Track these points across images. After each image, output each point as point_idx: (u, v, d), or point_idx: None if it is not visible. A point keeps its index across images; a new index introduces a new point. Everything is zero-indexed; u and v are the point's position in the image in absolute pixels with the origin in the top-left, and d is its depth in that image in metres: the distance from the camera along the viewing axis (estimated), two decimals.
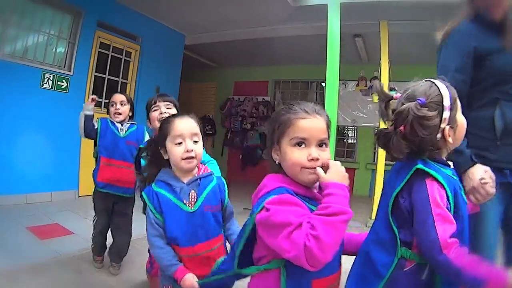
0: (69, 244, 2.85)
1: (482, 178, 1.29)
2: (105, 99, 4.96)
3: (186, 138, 1.45)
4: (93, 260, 2.52)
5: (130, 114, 2.59)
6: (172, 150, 1.45)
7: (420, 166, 1.01)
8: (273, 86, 8.16)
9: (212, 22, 5.48)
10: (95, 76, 4.80)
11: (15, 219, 3.34)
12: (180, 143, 1.44)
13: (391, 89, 4.71)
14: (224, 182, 1.60)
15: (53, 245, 2.79)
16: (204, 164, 1.64)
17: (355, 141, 7.53)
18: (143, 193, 1.46)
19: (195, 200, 1.45)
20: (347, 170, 1.06)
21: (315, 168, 1.00)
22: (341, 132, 7.59)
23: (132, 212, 2.47)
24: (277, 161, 1.07)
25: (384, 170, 4.42)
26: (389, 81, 4.54)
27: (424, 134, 1.00)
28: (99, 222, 2.44)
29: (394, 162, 1.18)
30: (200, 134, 1.52)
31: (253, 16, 5.03)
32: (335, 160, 1.04)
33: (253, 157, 7.80)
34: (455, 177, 1.06)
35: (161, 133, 1.49)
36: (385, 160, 4.50)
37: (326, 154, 1.03)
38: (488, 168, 1.33)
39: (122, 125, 2.50)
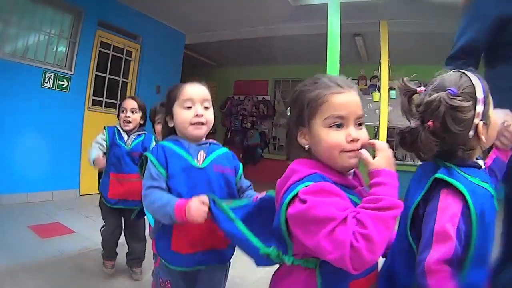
0: (71, 243, 2.86)
1: (504, 121, 1.18)
2: (105, 98, 4.98)
3: (197, 102, 1.32)
4: (103, 265, 2.37)
5: (141, 122, 2.42)
6: (180, 114, 1.32)
7: (439, 175, 0.86)
8: (273, 85, 8.17)
9: (212, 21, 5.49)
10: (95, 75, 4.81)
11: (16, 218, 3.35)
12: (189, 108, 1.31)
13: (390, 88, 4.73)
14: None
15: (54, 244, 2.80)
16: None
17: None
18: (146, 153, 1.31)
19: (204, 158, 1.32)
20: None
21: (355, 150, 0.87)
22: None
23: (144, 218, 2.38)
24: (306, 146, 0.92)
25: None
26: (389, 80, 4.55)
27: (457, 130, 0.85)
28: (109, 228, 2.33)
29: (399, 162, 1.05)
30: (211, 101, 1.39)
31: (254, 15, 5.04)
32: None
33: (253, 156, 7.82)
34: (485, 185, 0.88)
35: (169, 99, 1.37)
36: None
37: (364, 133, 0.90)
38: (508, 111, 1.23)
39: (129, 136, 2.34)
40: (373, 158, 0.86)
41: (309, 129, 0.90)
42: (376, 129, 7.25)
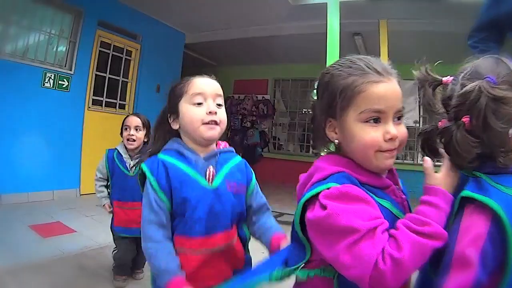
0: (72, 242, 2.87)
1: None
2: (106, 98, 4.99)
3: (209, 97, 1.10)
4: (113, 279, 2.28)
5: (145, 140, 2.28)
6: (189, 111, 1.08)
7: (465, 193, 0.69)
8: (273, 84, 8.18)
9: (212, 21, 5.50)
10: (96, 75, 4.82)
11: (17, 217, 3.36)
12: (200, 104, 1.08)
13: None
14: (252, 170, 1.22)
15: (55, 243, 2.81)
16: None
17: None
18: (142, 165, 1.09)
19: (213, 176, 1.09)
20: None
21: (392, 150, 0.75)
22: None
23: None
24: (335, 141, 0.80)
25: None
26: None
27: (499, 127, 0.67)
28: (120, 253, 2.25)
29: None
30: (223, 99, 1.17)
31: (253, 14, 5.04)
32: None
33: (253, 155, 7.82)
34: None
35: (173, 95, 1.14)
36: None
37: (404, 130, 0.78)
38: None
39: (131, 158, 2.23)
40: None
41: (340, 122, 0.78)
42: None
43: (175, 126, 1.13)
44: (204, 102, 1.09)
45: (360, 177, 0.75)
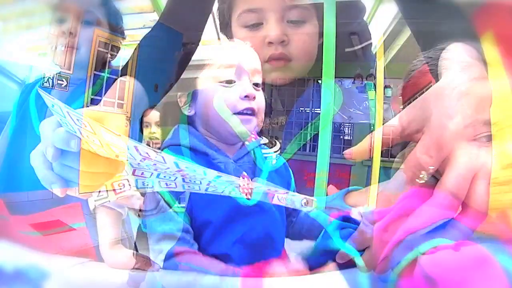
0: (71, 241, 2.89)
1: None
2: (104, 97, 5.00)
3: (244, 75, 0.77)
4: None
5: None
6: (214, 92, 0.74)
7: None
8: (270, 83, 8.19)
9: (210, 19, 5.51)
10: (94, 74, 4.83)
11: (17, 216, 3.38)
12: (229, 82, 0.75)
13: (386, 86, 4.75)
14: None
15: (56, 242, 2.84)
16: None
17: (351, 137, 7.57)
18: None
19: (250, 187, 0.65)
20: (344, 166, 0.77)
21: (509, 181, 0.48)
22: (337, 129, 7.63)
23: None
24: (429, 168, 0.51)
25: (380, 167, 4.47)
26: (385, 78, 4.59)
27: None
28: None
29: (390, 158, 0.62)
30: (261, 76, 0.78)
31: None
32: (331, 156, 0.68)
33: None
34: None
35: (183, 60, 0.76)
36: (381, 156, 4.55)
37: None
38: None
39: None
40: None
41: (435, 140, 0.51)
42: (372, 127, 7.25)
43: (188, 112, 0.78)
44: (237, 81, 0.75)
45: (469, 222, 0.50)
